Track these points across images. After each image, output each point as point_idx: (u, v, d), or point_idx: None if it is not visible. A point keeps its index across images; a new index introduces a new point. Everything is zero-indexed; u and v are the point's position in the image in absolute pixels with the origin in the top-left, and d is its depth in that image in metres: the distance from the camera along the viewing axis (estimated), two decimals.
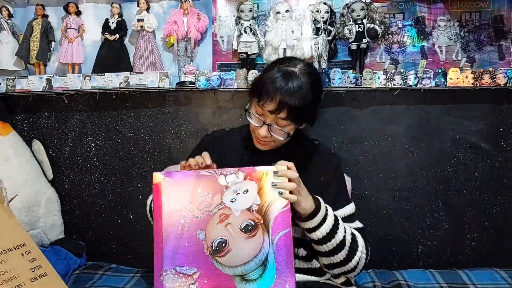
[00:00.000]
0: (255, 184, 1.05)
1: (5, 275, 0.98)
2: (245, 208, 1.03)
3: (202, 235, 1.02)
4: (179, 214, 1.03)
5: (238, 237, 1.02)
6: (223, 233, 1.02)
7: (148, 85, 1.83)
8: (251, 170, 1.05)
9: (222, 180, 1.05)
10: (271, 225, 1.03)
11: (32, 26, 1.93)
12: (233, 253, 1.01)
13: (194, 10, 1.87)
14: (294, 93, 1.12)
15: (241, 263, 1.01)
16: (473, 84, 1.75)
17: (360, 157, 1.89)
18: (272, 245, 1.02)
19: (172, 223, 1.02)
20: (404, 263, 1.90)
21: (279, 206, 1.04)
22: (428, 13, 1.86)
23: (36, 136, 1.99)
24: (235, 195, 1.04)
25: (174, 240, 1.02)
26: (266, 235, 1.02)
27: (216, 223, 1.03)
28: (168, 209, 1.03)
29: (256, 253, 1.02)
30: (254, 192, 1.04)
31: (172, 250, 1.01)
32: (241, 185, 1.05)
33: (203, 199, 1.04)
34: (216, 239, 1.02)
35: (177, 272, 1.01)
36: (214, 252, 1.02)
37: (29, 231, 1.78)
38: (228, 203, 1.04)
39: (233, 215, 1.03)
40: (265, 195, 1.04)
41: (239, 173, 1.05)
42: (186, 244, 1.02)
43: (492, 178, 1.86)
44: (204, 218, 1.03)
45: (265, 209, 1.04)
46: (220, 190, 1.04)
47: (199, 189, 1.04)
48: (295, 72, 1.15)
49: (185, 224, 1.03)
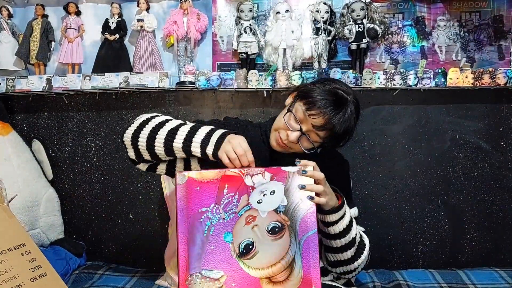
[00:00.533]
0: (282, 184, 1.03)
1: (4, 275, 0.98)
2: (272, 209, 1.01)
3: (229, 237, 1.00)
4: (205, 215, 1.00)
5: (265, 239, 1.00)
6: (250, 235, 1.00)
7: (148, 85, 1.83)
8: (277, 171, 1.03)
9: (248, 180, 1.02)
10: (297, 227, 1.01)
11: (32, 26, 1.93)
12: (260, 255, 1.00)
13: (194, 10, 1.87)
14: (344, 122, 1.14)
15: (268, 265, 1.00)
16: (473, 84, 1.75)
17: (360, 157, 1.89)
18: (298, 246, 1.01)
19: (198, 226, 0.99)
20: (404, 263, 1.90)
21: (305, 207, 1.03)
22: (428, 13, 1.86)
23: (36, 136, 1.99)
24: (262, 196, 1.02)
25: (200, 243, 0.99)
26: (293, 237, 1.01)
27: (243, 225, 1.00)
28: (193, 212, 1.00)
29: (283, 254, 1.00)
30: (280, 193, 1.02)
31: (198, 254, 0.98)
32: (268, 186, 1.02)
33: (230, 200, 1.01)
34: (243, 241, 1.00)
35: (203, 276, 0.98)
36: (241, 255, 0.99)
37: (28, 231, 1.78)
38: (255, 204, 1.01)
39: (260, 217, 1.01)
40: (291, 196, 1.03)
41: (265, 173, 1.02)
42: (213, 247, 0.99)
43: (492, 178, 1.87)
44: (230, 219, 1.00)
45: (292, 210, 1.02)
46: (246, 191, 1.01)
47: (225, 190, 1.01)
48: (349, 101, 1.17)
49: (211, 226, 1.00)
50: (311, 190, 1.04)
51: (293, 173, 1.03)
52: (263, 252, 1.00)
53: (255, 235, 1.00)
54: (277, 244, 1.00)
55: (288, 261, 1.00)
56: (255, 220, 1.01)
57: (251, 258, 1.00)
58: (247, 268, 0.99)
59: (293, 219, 1.02)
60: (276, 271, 1.00)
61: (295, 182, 1.03)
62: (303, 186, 1.04)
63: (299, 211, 1.02)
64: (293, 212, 1.02)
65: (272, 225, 1.01)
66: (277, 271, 1.00)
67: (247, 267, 0.99)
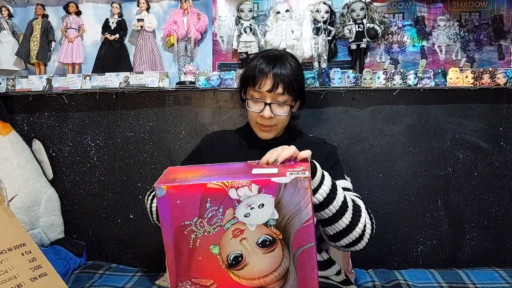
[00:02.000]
0: (271, 197, 0.92)
1: (5, 274, 0.98)
2: (261, 223, 0.93)
3: (216, 249, 0.94)
4: (189, 229, 0.94)
5: (255, 252, 0.94)
6: (238, 248, 0.94)
7: (148, 85, 1.83)
8: (266, 182, 0.91)
9: (233, 193, 0.92)
10: (291, 240, 0.93)
11: (32, 26, 1.93)
12: (251, 266, 0.94)
13: (194, 10, 1.87)
14: (284, 68, 1.27)
15: (260, 276, 0.95)
16: (473, 84, 1.75)
17: (360, 156, 1.89)
18: (293, 260, 0.94)
19: (183, 238, 0.94)
20: (404, 263, 1.90)
21: (300, 220, 0.93)
22: (427, 13, 1.86)
23: (36, 136, 1.99)
24: (249, 209, 0.93)
25: (187, 255, 0.94)
26: (286, 250, 0.94)
27: (230, 238, 0.94)
28: (177, 224, 0.93)
29: (275, 266, 0.94)
30: (270, 207, 0.92)
31: (186, 264, 0.94)
32: (255, 199, 0.92)
33: (214, 213, 0.93)
34: (231, 253, 0.94)
35: (193, 283, 0.95)
36: (230, 266, 0.94)
37: (29, 230, 1.78)
38: (242, 218, 0.93)
39: (248, 230, 0.93)
40: (283, 208, 0.92)
41: (252, 185, 0.92)
42: (200, 258, 0.94)
43: (492, 178, 1.87)
44: (216, 233, 0.93)
45: (285, 224, 0.93)
46: (232, 204, 0.92)
47: (208, 204, 0.93)
48: (277, 54, 1.33)
49: (197, 239, 0.94)
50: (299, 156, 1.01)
51: (285, 185, 0.91)
52: (253, 264, 0.94)
53: (244, 248, 0.94)
54: (268, 256, 0.94)
55: (281, 273, 0.94)
56: (242, 233, 0.93)
57: (241, 269, 0.94)
58: (237, 278, 0.95)
59: (286, 233, 0.93)
60: (269, 282, 0.94)
61: (287, 194, 0.91)
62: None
63: (293, 225, 0.93)
64: (286, 226, 0.93)
65: (263, 238, 0.93)
66: (269, 282, 0.94)
67: (237, 277, 0.95)
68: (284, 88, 1.27)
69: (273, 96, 1.28)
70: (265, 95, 1.28)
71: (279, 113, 1.29)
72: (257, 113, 1.31)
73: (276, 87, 1.26)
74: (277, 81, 1.26)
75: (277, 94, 1.27)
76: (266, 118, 1.29)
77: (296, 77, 1.30)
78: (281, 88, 1.27)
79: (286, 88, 1.27)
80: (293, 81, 1.29)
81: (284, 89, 1.27)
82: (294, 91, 1.30)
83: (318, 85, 1.78)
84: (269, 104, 1.28)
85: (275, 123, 1.32)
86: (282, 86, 1.26)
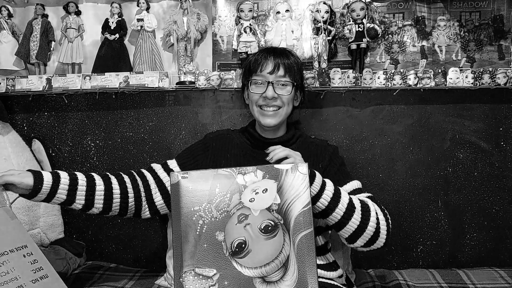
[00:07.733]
0: (274, 183, 1.02)
1: (6, 276, 0.98)
2: (265, 208, 1.01)
3: (221, 236, 1.00)
4: (197, 214, 1.01)
5: (257, 238, 1.00)
6: (242, 234, 1.00)
7: (148, 85, 1.83)
8: (270, 169, 1.03)
9: (240, 179, 1.03)
10: (291, 225, 1.00)
11: (32, 26, 1.93)
12: (253, 254, 0.99)
13: (194, 10, 1.87)
14: (284, 55, 1.37)
15: (261, 264, 0.99)
16: (473, 84, 1.75)
17: (360, 156, 1.90)
18: (293, 245, 1.00)
19: (191, 224, 1.00)
20: (404, 263, 1.91)
21: (299, 205, 1.01)
22: (428, 13, 1.86)
23: (36, 136, 1.99)
24: (254, 194, 1.02)
25: (193, 241, 1.00)
26: (287, 236, 1.00)
27: (235, 223, 1.00)
28: (186, 210, 1.01)
29: (276, 254, 1.00)
30: (273, 191, 1.02)
31: (191, 251, 0.99)
32: (260, 184, 1.02)
33: (221, 198, 1.01)
34: (235, 240, 1.00)
35: (196, 273, 0.99)
36: (233, 253, 0.99)
37: (28, 230, 1.78)
38: (247, 203, 1.01)
39: (252, 215, 1.01)
40: (285, 194, 1.02)
41: (257, 171, 1.03)
42: (205, 246, 0.99)
43: (492, 178, 1.87)
44: (222, 218, 1.01)
45: (285, 209, 1.01)
46: (238, 190, 1.02)
47: (217, 189, 1.02)
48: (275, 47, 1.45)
49: (204, 224, 1.00)
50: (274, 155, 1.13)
51: (286, 171, 1.03)
52: (256, 251, 0.99)
53: (248, 234, 1.00)
54: (270, 243, 1.00)
55: (281, 261, 0.99)
56: (247, 218, 1.00)
57: (244, 257, 0.99)
58: (239, 267, 0.99)
59: (286, 217, 1.01)
60: (270, 271, 0.99)
61: (289, 180, 1.02)
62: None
63: (293, 210, 1.01)
64: (286, 211, 1.01)
65: (265, 223, 1.00)
66: (270, 271, 0.99)
67: (240, 266, 0.99)
68: (285, 70, 1.34)
69: (275, 77, 1.33)
70: (267, 76, 1.34)
71: (282, 92, 1.34)
72: (259, 95, 1.35)
73: (277, 69, 1.33)
74: (278, 64, 1.33)
75: (279, 76, 1.34)
76: (269, 99, 1.33)
77: (296, 64, 1.38)
78: (282, 70, 1.34)
79: (287, 71, 1.34)
80: (293, 66, 1.36)
81: (285, 71, 1.34)
82: (295, 74, 1.36)
83: (318, 85, 1.78)
84: (271, 83, 1.33)
85: (278, 104, 1.35)
86: (283, 68, 1.34)
